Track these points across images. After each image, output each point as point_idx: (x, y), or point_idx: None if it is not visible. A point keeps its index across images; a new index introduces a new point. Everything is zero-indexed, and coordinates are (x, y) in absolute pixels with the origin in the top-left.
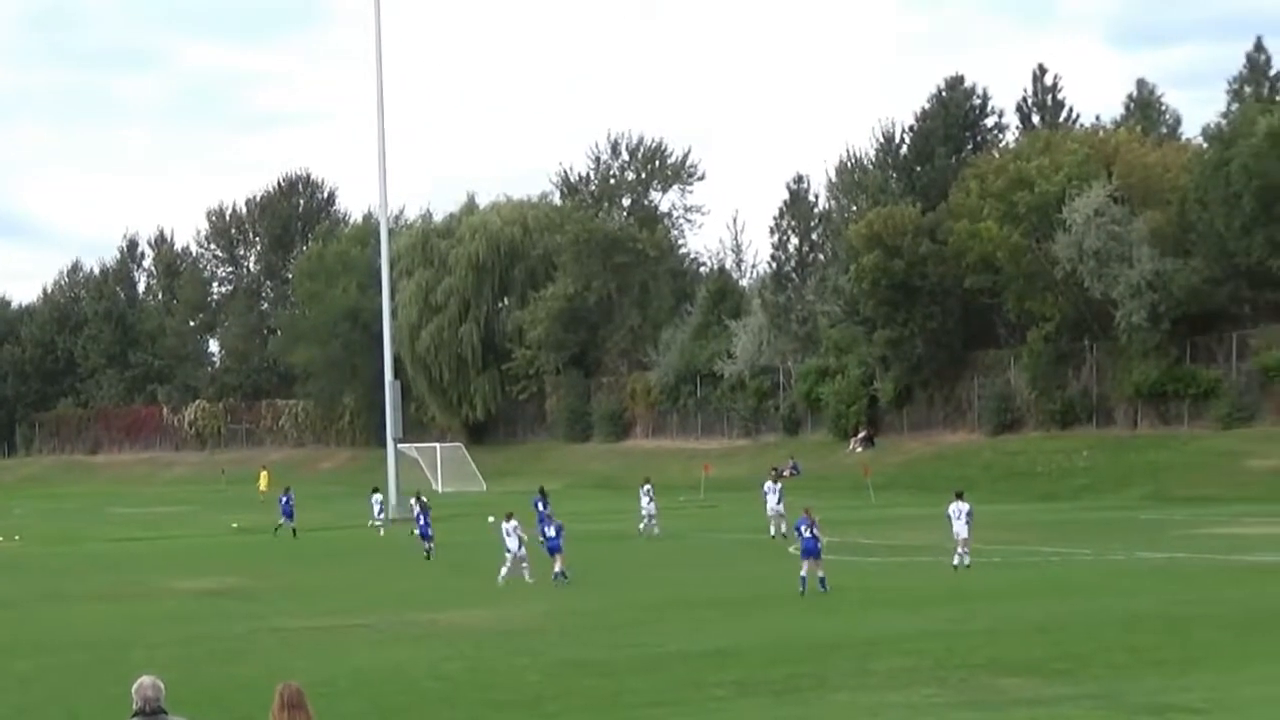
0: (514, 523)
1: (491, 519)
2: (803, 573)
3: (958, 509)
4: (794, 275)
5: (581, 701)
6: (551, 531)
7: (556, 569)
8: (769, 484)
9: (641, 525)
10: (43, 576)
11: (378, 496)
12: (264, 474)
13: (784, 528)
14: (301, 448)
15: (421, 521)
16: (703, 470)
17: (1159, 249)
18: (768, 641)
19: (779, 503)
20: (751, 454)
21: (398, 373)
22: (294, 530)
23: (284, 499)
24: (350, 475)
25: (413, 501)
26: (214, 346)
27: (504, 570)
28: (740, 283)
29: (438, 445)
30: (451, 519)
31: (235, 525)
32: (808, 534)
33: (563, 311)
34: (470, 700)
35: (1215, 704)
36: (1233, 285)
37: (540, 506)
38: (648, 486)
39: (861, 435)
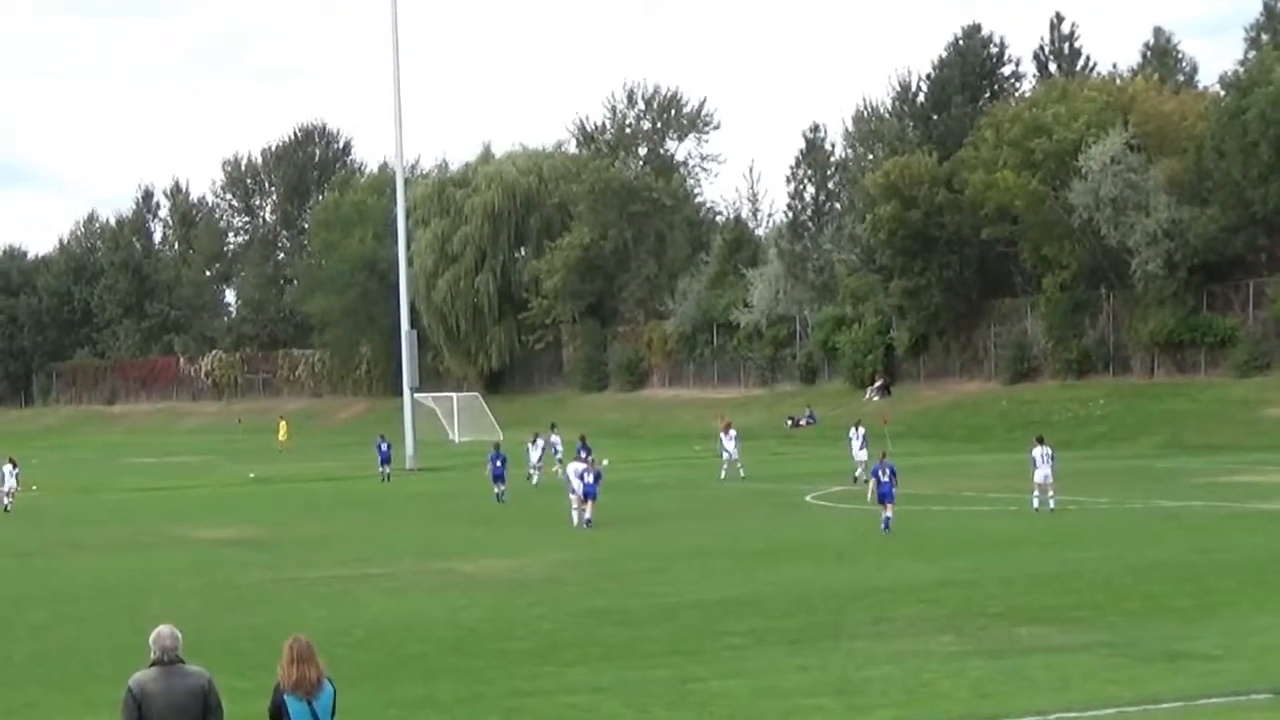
0: (580, 465)
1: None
2: (885, 514)
3: (1044, 453)
4: (810, 224)
5: (598, 650)
6: (590, 479)
7: (587, 515)
8: (852, 430)
9: (724, 471)
10: (60, 526)
11: (553, 439)
12: (283, 424)
13: (867, 473)
14: (318, 398)
15: (497, 465)
16: (718, 420)
17: (1175, 197)
18: (784, 591)
19: (862, 448)
20: (768, 403)
21: (414, 322)
22: (388, 475)
23: (382, 445)
24: (367, 425)
25: (547, 440)
26: (230, 296)
27: (576, 514)
28: (756, 232)
29: (454, 395)
30: (470, 468)
31: (252, 475)
32: (885, 478)
33: (579, 261)
34: (487, 650)
35: (1228, 651)
36: (1249, 233)
37: (583, 455)
38: (734, 433)
39: (878, 384)
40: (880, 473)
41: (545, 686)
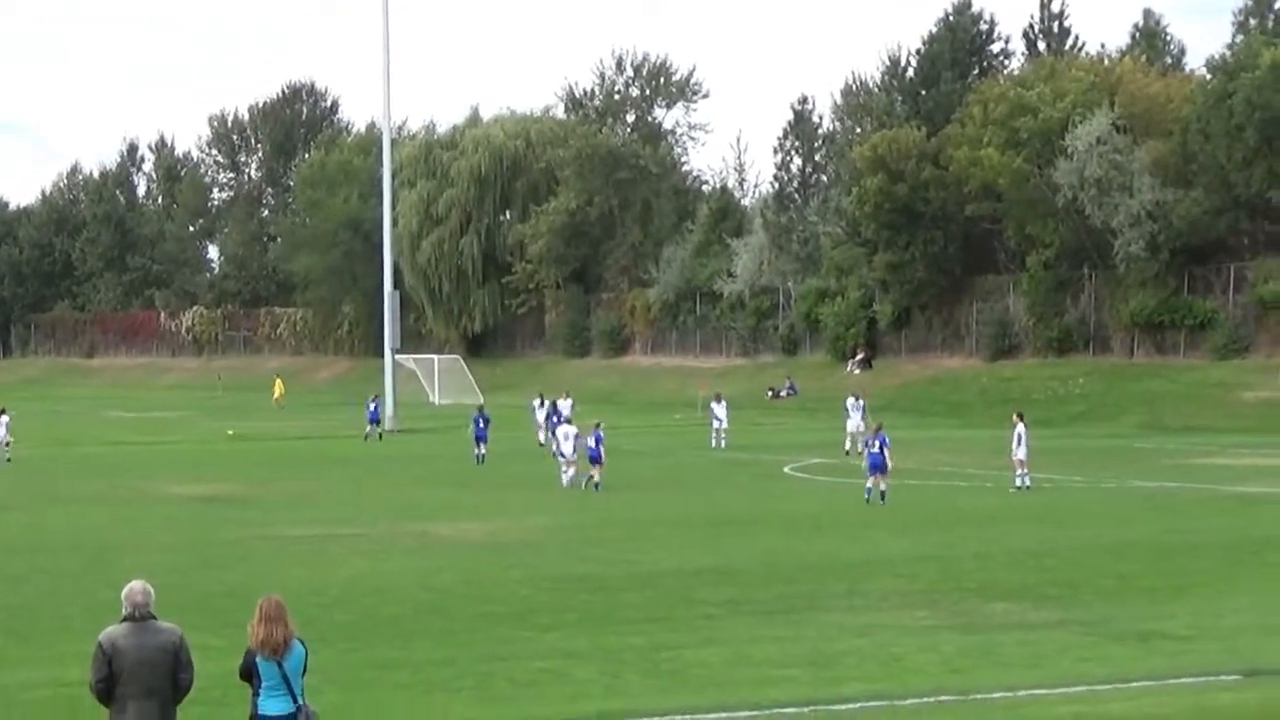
0: (570, 429)
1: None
2: (868, 485)
3: (1024, 430)
4: (796, 196)
5: (574, 616)
6: (592, 442)
7: (596, 478)
8: (851, 400)
9: (714, 439)
10: (37, 479)
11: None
12: (278, 382)
13: (859, 445)
14: (300, 356)
15: (480, 427)
16: (699, 389)
17: (1160, 179)
18: (760, 561)
19: (862, 420)
20: (749, 373)
21: (397, 283)
22: (380, 435)
23: (371, 405)
24: (348, 385)
25: (560, 402)
26: (213, 252)
27: (565, 476)
28: (742, 202)
29: (436, 357)
30: (450, 430)
31: (231, 432)
32: (874, 450)
33: (564, 226)
34: (463, 612)
35: (1200, 631)
36: (1232, 217)
37: (555, 419)
38: (725, 401)
39: (859, 357)
40: (871, 444)
41: (519, 651)
